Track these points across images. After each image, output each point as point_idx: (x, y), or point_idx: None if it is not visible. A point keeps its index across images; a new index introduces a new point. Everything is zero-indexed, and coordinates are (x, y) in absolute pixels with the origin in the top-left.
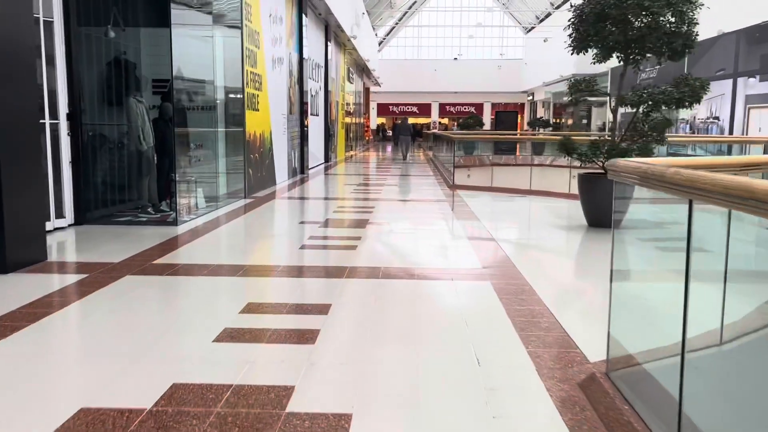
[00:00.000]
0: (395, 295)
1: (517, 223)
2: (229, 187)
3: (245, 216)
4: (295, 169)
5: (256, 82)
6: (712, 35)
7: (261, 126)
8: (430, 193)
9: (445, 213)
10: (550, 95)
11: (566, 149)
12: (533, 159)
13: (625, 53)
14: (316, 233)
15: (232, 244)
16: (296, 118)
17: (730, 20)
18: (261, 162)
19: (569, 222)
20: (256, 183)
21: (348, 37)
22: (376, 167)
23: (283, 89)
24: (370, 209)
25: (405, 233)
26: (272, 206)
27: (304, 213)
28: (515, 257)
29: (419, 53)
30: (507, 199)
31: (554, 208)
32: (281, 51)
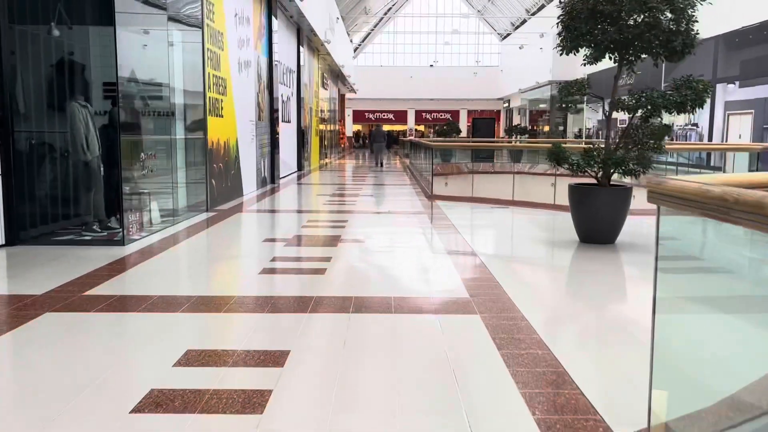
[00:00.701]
0: (368, 338)
1: (502, 239)
2: (190, 199)
3: (205, 232)
4: (264, 179)
5: (219, 87)
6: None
7: (225, 133)
8: (408, 204)
9: (424, 227)
10: (526, 102)
11: (557, 158)
12: (513, 166)
13: (621, 53)
14: (282, 253)
15: (183, 268)
16: (266, 125)
17: (707, 26)
18: (226, 172)
19: (558, 237)
20: (220, 194)
21: (321, 41)
22: (352, 176)
23: (250, 94)
24: (342, 223)
25: (380, 252)
26: (236, 221)
27: (271, 228)
28: (505, 282)
29: (395, 60)
30: (488, 211)
31: (540, 221)
32: (248, 54)
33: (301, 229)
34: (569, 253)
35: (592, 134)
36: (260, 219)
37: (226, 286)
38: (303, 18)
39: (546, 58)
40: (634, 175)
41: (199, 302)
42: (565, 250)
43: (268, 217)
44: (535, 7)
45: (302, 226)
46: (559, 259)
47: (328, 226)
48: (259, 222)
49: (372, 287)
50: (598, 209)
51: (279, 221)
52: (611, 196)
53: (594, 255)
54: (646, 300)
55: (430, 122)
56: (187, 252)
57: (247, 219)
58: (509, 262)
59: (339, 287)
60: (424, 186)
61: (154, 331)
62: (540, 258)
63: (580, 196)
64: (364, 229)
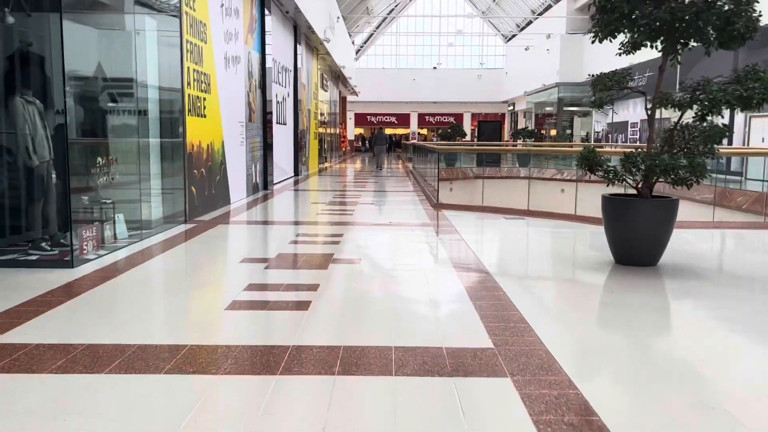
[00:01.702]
0: (358, 423)
1: (524, 260)
2: (165, 209)
3: (175, 250)
4: (256, 185)
5: (201, 83)
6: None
7: (209, 135)
8: (411, 214)
9: (431, 243)
10: (531, 105)
11: (589, 165)
12: (528, 172)
13: (669, 39)
14: (260, 279)
15: (131, 301)
16: (258, 126)
17: None
18: (209, 178)
19: (588, 256)
20: (201, 203)
21: (321, 40)
22: (351, 181)
23: (239, 93)
24: (338, 238)
25: (379, 278)
26: (216, 235)
27: (254, 244)
28: (537, 322)
29: (398, 62)
30: (501, 222)
31: (562, 236)
32: (238, 49)
33: (289, 245)
34: (609, 280)
35: (601, 138)
36: (244, 232)
37: (179, 330)
38: (300, 14)
39: (553, 59)
40: (685, 184)
41: (135, 356)
42: (600, 274)
43: (254, 230)
44: (542, 7)
45: (291, 241)
46: (596, 289)
47: (321, 241)
48: (242, 236)
49: (367, 331)
50: (639, 225)
51: (265, 235)
52: (655, 210)
53: (636, 282)
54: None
55: (433, 125)
56: (144, 277)
57: (228, 232)
58: (537, 293)
59: (324, 331)
60: (428, 193)
61: (61, 407)
62: (573, 287)
63: (616, 210)
64: (361, 246)
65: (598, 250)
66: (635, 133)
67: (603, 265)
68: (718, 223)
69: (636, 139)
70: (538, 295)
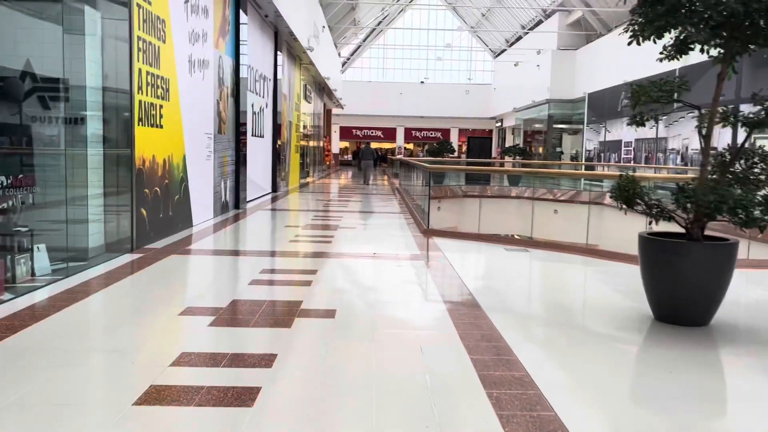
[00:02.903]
0: None
1: (541, 315)
2: (108, 236)
3: (101, 294)
4: (225, 204)
5: (158, 89)
6: (707, 58)
7: (166, 148)
8: (399, 243)
9: (423, 286)
10: (520, 121)
11: (625, 198)
12: (511, 190)
13: (741, 38)
14: (196, 345)
15: (14, 377)
16: (229, 139)
17: None
18: (165, 198)
19: (621, 307)
20: (154, 228)
21: (304, 49)
22: (334, 199)
23: (207, 101)
24: (309, 276)
25: (357, 345)
26: (163, 269)
27: (204, 285)
28: (568, 416)
29: (384, 75)
30: (502, 255)
31: (581, 276)
32: (206, 52)
33: (249, 287)
34: (652, 350)
35: (593, 157)
36: (195, 267)
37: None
38: (281, 19)
39: (543, 75)
40: (759, 226)
41: None
42: (637, 334)
43: (211, 263)
44: (532, 22)
45: (252, 280)
46: (646, 371)
47: (290, 280)
48: (192, 272)
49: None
50: (690, 275)
51: (222, 271)
52: (712, 256)
53: (690, 352)
54: None
55: (419, 140)
56: (47, 337)
57: (179, 266)
58: (567, 374)
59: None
60: (417, 216)
61: None
62: (608, 353)
63: (661, 254)
64: (337, 289)
65: (631, 299)
66: (629, 152)
67: (640, 321)
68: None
69: (630, 159)
70: (567, 375)
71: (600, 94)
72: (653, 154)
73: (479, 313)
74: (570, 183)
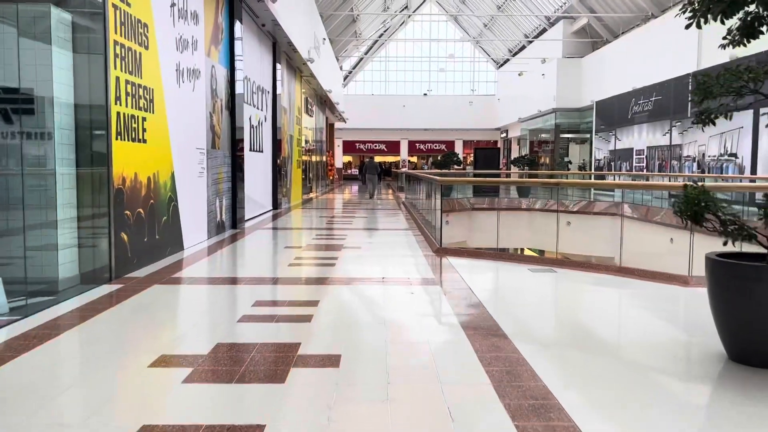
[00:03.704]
0: None
1: (588, 353)
2: (82, 265)
3: (64, 336)
4: (221, 224)
5: (140, 99)
6: (723, 60)
7: (151, 165)
8: (409, 264)
9: (442, 319)
10: (526, 132)
11: (694, 213)
12: (521, 202)
13: None
14: (164, 411)
15: None
16: (225, 154)
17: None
18: (151, 219)
19: (677, 342)
20: (137, 254)
21: (304, 60)
22: (338, 216)
23: (198, 114)
24: (311, 309)
25: (364, 405)
26: (140, 303)
27: (185, 326)
28: None
29: (387, 88)
30: (528, 277)
31: (617, 299)
32: (197, 60)
33: (237, 326)
34: (729, 400)
35: (603, 166)
36: (180, 299)
37: None
38: (279, 28)
39: (549, 84)
40: None
41: None
42: (708, 381)
43: (196, 296)
44: (536, 31)
45: (241, 317)
46: (727, 428)
47: (286, 316)
48: (175, 307)
49: None
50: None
51: (208, 305)
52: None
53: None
54: None
55: (424, 153)
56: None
57: (159, 299)
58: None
59: None
60: (427, 232)
61: None
62: (678, 412)
63: (735, 280)
64: (342, 326)
65: (688, 331)
66: (641, 161)
67: (707, 360)
68: None
69: (642, 167)
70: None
71: (609, 101)
72: (667, 162)
73: (515, 357)
74: (579, 193)
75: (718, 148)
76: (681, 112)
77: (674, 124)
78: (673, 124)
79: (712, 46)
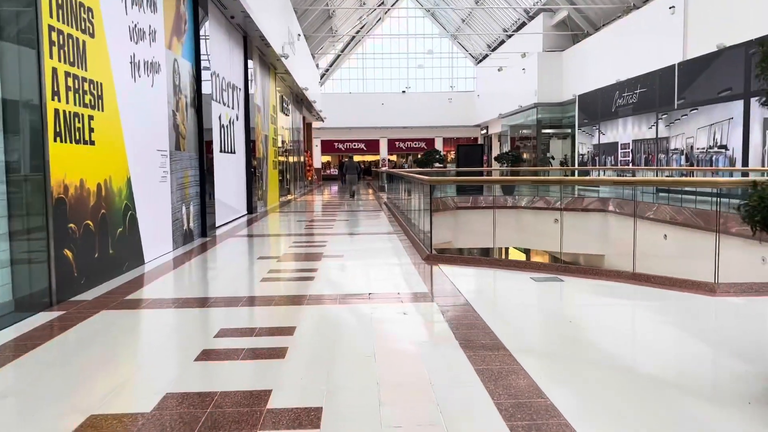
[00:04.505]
0: None
1: (622, 395)
2: (16, 290)
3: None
4: (188, 233)
5: (85, 94)
6: (710, 50)
7: (101, 170)
8: (398, 275)
9: (441, 346)
10: (507, 128)
11: (764, 218)
12: (506, 200)
13: None
14: None
15: None
16: (191, 156)
17: (737, 29)
18: (102, 232)
19: (722, 368)
20: (86, 273)
21: (278, 56)
22: (317, 219)
23: (159, 112)
24: (283, 340)
25: None
26: (80, 337)
27: (129, 364)
28: None
29: (365, 86)
30: (532, 288)
31: (641, 313)
32: (155, 53)
33: (191, 368)
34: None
35: (587, 161)
36: (128, 330)
37: None
38: (250, 21)
39: (530, 79)
40: None
41: None
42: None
43: (147, 325)
44: (515, 25)
45: (199, 354)
46: None
47: (252, 351)
48: (120, 341)
49: None
50: None
51: (160, 337)
52: None
53: None
54: None
55: (403, 151)
56: None
57: (103, 331)
58: None
59: None
60: (415, 237)
61: None
62: None
63: None
64: (322, 364)
65: (735, 354)
66: (626, 155)
67: (760, 398)
68: None
69: (628, 161)
70: None
71: (591, 95)
72: (654, 155)
73: (542, 402)
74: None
75: (707, 140)
76: (667, 103)
77: (660, 116)
78: (659, 116)
79: (699, 36)
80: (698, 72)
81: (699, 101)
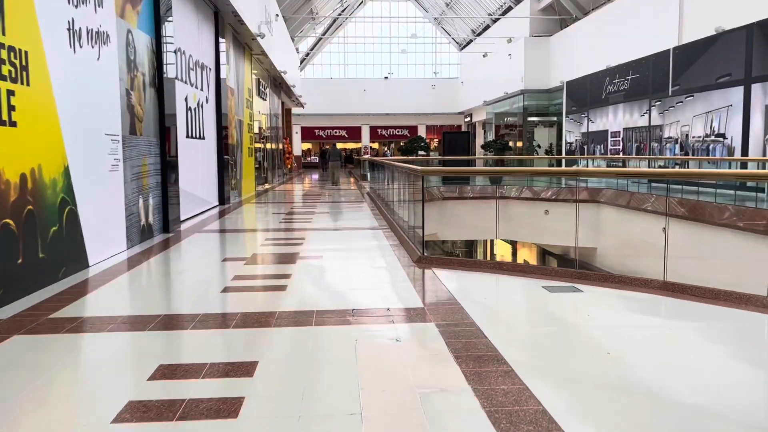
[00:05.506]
0: None
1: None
2: None
3: None
4: (147, 228)
5: (2, 64)
6: (708, 34)
7: (26, 157)
8: (386, 283)
9: (443, 389)
10: (492, 115)
11: None
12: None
13: None
14: None
15: None
16: (149, 141)
17: (738, 12)
18: (29, 233)
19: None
20: (4, 283)
21: (253, 35)
22: (296, 211)
23: (108, 90)
24: (238, 385)
25: None
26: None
27: (41, 413)
28: None
29: (346, 72)
30: (549, 301)
31: (683, 336)
32: (103, 20)
33: (119, 418)
34: None
35: (575, 149)
36: (39, 373)
37: None
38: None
39: (516, 65)
40: None
41: None
42: None
43: (63, 362)
44: (501, 9)
45: (122, 409)
46: None
47: (194, 409)
48: (24, 391)
49: None
50: None
51: (77, 384)
52: None
53: None
54: None
55: (386, 138)
56: None
57: (15, 362)
58: None
59: None
60: (403, 235)
61: None
62: None
63: None
64: (285, 423)
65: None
66: (617, 143)
67: None
68: None
69: (618, 150)
70: None
71: (580, 81)
72: (646, 144)
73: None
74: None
75: (703, 129)
76: (661, 90)
77: (653, 103)
78: (652, 103)
79: (695, 19)
80: (695, 57)
81: (695, 88)
